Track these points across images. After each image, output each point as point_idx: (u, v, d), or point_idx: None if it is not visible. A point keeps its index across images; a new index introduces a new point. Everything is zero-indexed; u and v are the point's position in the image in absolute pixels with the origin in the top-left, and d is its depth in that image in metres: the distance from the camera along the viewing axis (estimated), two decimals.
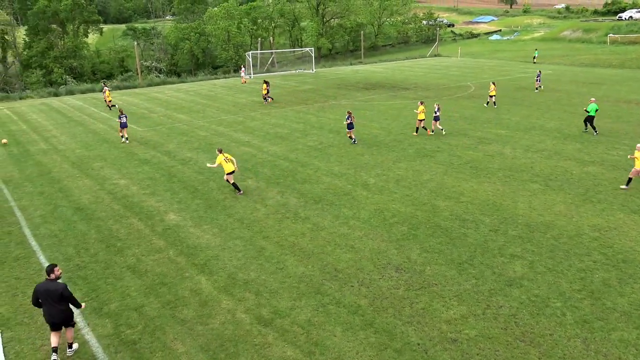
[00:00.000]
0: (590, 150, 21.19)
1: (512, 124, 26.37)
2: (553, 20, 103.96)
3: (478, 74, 49.37)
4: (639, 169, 16.09)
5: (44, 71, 73.40)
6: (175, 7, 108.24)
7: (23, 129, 29.46)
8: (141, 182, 18.60)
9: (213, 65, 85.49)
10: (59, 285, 8.61)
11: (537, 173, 18.28)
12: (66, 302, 8.67)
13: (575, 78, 43.89)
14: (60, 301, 8.55)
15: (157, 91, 44.90)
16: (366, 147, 22.48)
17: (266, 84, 35.97)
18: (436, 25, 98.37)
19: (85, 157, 22.36)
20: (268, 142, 23.99)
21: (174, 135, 26.34)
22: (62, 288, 8.58)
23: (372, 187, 17.31)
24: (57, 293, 8.50)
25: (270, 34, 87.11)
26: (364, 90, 40.60)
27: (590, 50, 66.58)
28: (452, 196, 16.22)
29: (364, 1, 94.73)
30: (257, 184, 17.97)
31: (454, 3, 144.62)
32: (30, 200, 17.11)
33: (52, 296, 8.50)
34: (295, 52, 72.10)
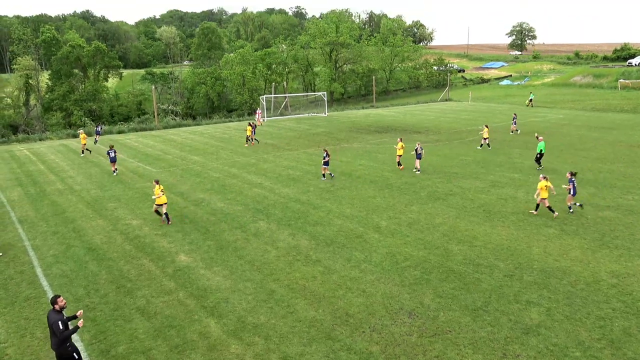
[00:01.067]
0: (605, 194, 20.95)
1: (524, 168, 26.28)
2: (563, 66, 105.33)
3: (489, 118, 49.71)
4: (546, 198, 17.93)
5: (64, 113, 75.66)
6: (192, 53, 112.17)
7: (41, 169, 30.07)
8: (154, 223, 18.70)
9: (228, 108, 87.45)
10: (53, 317, 8.79)
11: (552, 217, 18.03)
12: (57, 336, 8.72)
13: (587, 122, 43.97)
14: (53, 333, 8.75)
15: (173, 133, 45.81)
16: (378, 190, 22.49)
17: (251, 126, 36.73)
18: (447, 70, 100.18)
19: (100, 198, 22.65)
20: (280, 184, 24.14)
21: (188, 176, 26.66)
22: (52, 321, 8.72)
23: (384, 230, 17.20)
24: (49, 324, 8.78)
25: (284, 78, 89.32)
26: (375, 133, 41.01)
27: (601, 96, 66.94)
28: (466, 240, 16.02)
29: (375, 48, 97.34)
30: (269, 226, 17.96)
31: (465, 49, 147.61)
32: (44, 239, 17.25)
33: (49, 325, 8.85)
34: (308, 96, 73.64)
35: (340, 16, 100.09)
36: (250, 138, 36.48)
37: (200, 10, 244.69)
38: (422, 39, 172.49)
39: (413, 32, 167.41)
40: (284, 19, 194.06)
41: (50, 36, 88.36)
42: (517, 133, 38.03)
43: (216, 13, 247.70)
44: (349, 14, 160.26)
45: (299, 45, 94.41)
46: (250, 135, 36.47)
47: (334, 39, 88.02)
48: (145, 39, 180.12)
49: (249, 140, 36.58)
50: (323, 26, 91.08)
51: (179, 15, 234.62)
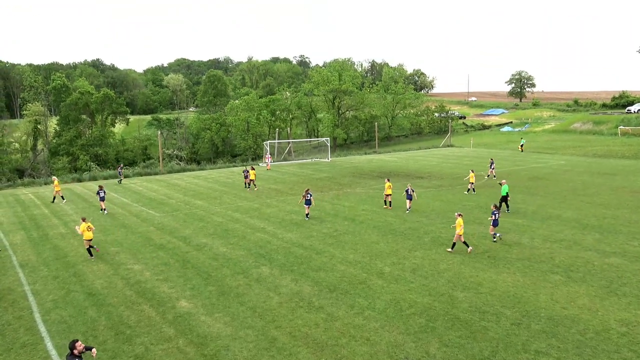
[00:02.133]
0: (611, 240, 20.77)
1: (528, 213, 26.20)
2: (562, 113, 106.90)
3: None
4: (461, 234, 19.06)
5: (70, 158, 76.58)
6: (198, 100, 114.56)
7: (45, 213, 30.14)
8: (155, 268, 18.55)
9: (232, 153, 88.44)
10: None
11: (558, 264, 17.83)
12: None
13: (589, 169, 44.13)
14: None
15: (177, 178, 46.14)
16: (381, 235, 22.37)
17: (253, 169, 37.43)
18: (448, 117, 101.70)
19: (102, 242, 22.57)
20: (283, 229, 24.07)
21: (191, 221, 26.65)
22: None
23: (388, 276, 16.99)
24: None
25: (287, 124, 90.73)
26: (378, 178, 41.19)
27: (602, 142, 67.53)
28: (471, 287, 15.78)
29: (377, 95, 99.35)
30: (271, 271, 17.78)
31: (465, 97, 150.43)
32: (44, 284, 17.08)
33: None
34: (311, 142, 74.47)
35: (343, 65, 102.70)
36: (252, 183, 36.71)
37: (207, 59, 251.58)
38: (423, 86, 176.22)
39: (414, 80, 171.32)
40: (288, 67, 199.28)
41: (60, 83, 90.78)
42: (493, 178, 38.62)
43: (222, 61, 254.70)
44: (352, 63, 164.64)
45: (303, 93, 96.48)
46: (253, 179, 36.75)
47: (337, 86, 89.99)
48: (152, 86, 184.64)
49: (250, 184, 36.81)
50: (326, 74, 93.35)
51: (187, 64, 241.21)
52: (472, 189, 32.82)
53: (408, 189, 27.29)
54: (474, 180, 32.79)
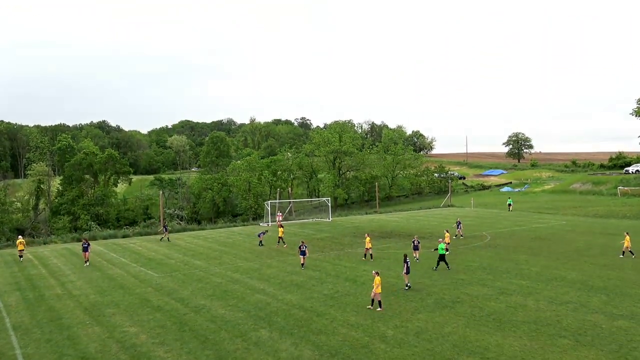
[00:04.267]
0: (617, 303, 20.33)
1: (532, 275, 25.82)
2: (561, 173, 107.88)
3: (493, 223, 49.88)
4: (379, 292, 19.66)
5: (71, 217, 76.57)
6: (201, 161, 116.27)
7: (42, 273, 29.75)
8: (151, 331, 18.06)
9: (233, 213, 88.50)
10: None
11: (565, 327, 17.36)
12: None
13: (590, 229, 43.93)
14: None
15: (177, 237, 45.87)
16: (383, 296, 21.89)
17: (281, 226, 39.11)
18: (448, 177, 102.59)
19: (99, 303, 22.12)
20: (283, 290, 23.65)
21: (190, 281, 26.24)
22: None
23: (391, 339, 16.50)
24: None
25: (288, 184, 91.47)
26: (379, 238, 40.94)
27: (602, 202, 67.66)
28: (477, 351, 15.28)
29: (377, 156, 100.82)
30: (270, 334, 17.29)
31: (464, 157, 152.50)
32: (37, 348, 16.58)
33: None
34: (312, 202, 74.74)
35: (343, 126, 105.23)
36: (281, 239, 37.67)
37: (211, 121, 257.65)
38: (422, 147, 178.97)
39: (413, 141, 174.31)
40: (289, 129, 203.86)
41: (66, 144, 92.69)
42: (460, 237, 38.70)
43: (225, 123, 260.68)
44: (352, 125, 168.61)
45: (304, 154, 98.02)
46: (282, 236, 37.77)
47: (337, 147, 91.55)
48: (156, 146, 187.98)
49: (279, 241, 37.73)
50: (327, 136, 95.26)
51: (190, 125, 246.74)
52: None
53: (414, 239, 29.97)
54: (449, 241, 32.82)
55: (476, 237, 40.31)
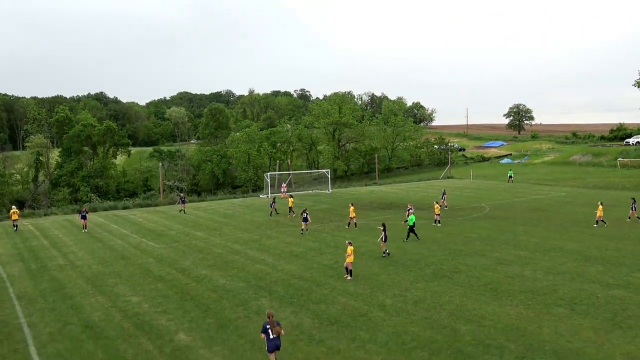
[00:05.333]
0: (614, 272, 20.58)
1: (530, 245, 26.05)
2: (561, 145, 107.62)
3: (492, 195, 50.05)
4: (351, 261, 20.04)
5: (71, 189, 76.66)
6: (200, 132, 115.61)
7: (44, 244, 29.99)
8: (153, 300, 18.33)
9: (232, 185, 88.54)
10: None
11: (561, 296, 17.62)
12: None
13: (589, 200, 44.06)
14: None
15: (177, 209, 46.07)
16: (382, 267, 22.19)
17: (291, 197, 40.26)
18: (447, 149, 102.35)
19: (101, 274, 22.38)
20: (283, 261, 23.89)
21: (190, 252, 26.49)
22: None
23: (390, 308, 16.77)
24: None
25: (288, 156, 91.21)
26: (379, 209, 41.13)
27: (602, 174, 67.73)
28: (473, 319, 15.55)
29: (377, 127, 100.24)
30: (271, 303, 17.55)
31: (464, 129, 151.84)
32: (41, 316, 16.85)
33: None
34: (312, 174, 74.70)
35: (343, 98, 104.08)
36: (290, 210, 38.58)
37: (209, 92, 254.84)
38: (422, 119, 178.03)
39: (413, 112, 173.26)
40: (289, 100, 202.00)
41: (63, 116, 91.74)
42: (445, 208, 39.23)
43: (224, 95, 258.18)
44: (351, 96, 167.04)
45: (303, 125, 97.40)
46: (291, 206, 38.60)
47: (337, 119, 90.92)
48: (154, 118, 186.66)
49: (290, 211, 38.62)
50: (326, 107, 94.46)
51: (189, 97, 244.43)
52: (438, 220, 32.95)
53: (409, 207, 30.56)
54: (439, 212, 33.07)
55: (475, 209, 40.51)
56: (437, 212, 33.00)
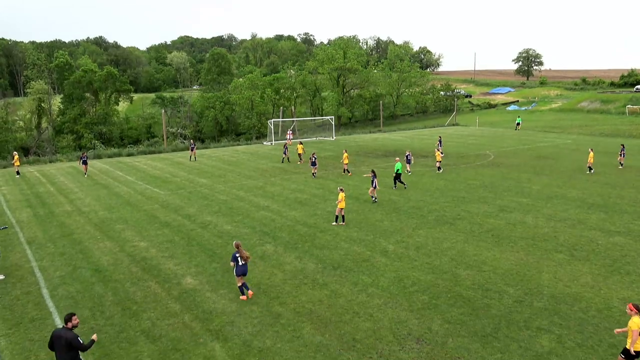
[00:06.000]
0: (616, 220, 20.72)
1: (533, 193, 26.13)
2: (570, 91, 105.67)
3: (497, 142, 49.74)
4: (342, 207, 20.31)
5: (75, 136, 76.69)
6: (202, 78, 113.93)
7: (50, 190, 30.32)
8: (160, 245, 18.70)
9: (236, 132, 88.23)
10: (70, 334, 8.96)
11: (562, 243, 17.84)
12: (75, 352, 9.05)
13: (595, 148, 43.70)
14: (68, 350, 8.96)
15: (181, 156, 46.18)
16: (385, 214, 22.41)
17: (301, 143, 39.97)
18: (454, 96, 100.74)
19: (108, 219, 22.74)
20: (287, 207, 24.14)
21: (195, 199, 26.75)
22: (71, 337, 8.96)
23: (392, 254, 17.07)
24: (67, 342, 8.93)
25: (292, 103, 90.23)
26: (383, 157, 41.08)
27: (609, 121, 66.89)
28: (474, 265, 15.84)
29: (383, 73, 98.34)
30: (275, 249, 17.89)
31: (471, 75, 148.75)
32: (51, 261, 17.28)
33: (63, 344, 8.96)
34: (315, 120, 74.15)
35: (348, 43, 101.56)
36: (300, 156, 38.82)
37: (211, 37, 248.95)
38: (429, 64, 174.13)
39: (420, 57, 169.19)
40: (292, 45, 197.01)
41: (63, 61, 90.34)
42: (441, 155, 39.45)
43: (226, 39, 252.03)
44: (357, 41, 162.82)
45: (307, 71, 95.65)
46: (301, 153, 38.77)
47: (342, 64, 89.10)
48: (156, 64, 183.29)
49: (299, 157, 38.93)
50: (331, 52, 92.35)
51: (190, 41, 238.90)
52: (438, 167, 33.14)
53: (408, 154, 32.50)
54: (440, 159, 33.18)
55: (479, 156, 40.38)
56: (439, 159, 32.94)
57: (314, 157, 32.22)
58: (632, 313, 9.38)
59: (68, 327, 9.12)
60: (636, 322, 9.21)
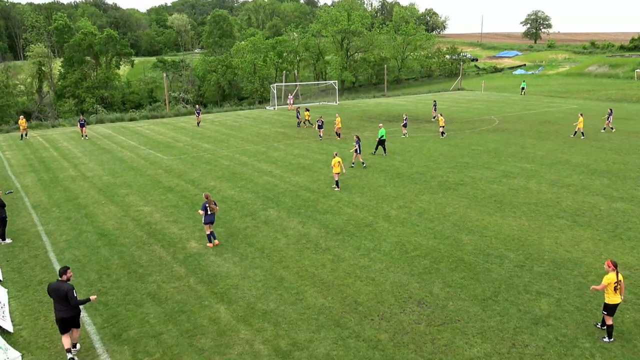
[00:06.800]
0: (619, 186, 20.69)
1: (537, 158, 26.02)
2: (578, 55, 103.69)
3: (502, 107, 49.20)
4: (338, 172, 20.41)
5: (76, 100, 76.22)
6: (204, 41, 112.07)
7: (54, 155, 30.39)
8: (165, 210, 18.85)
9: (238, 96, 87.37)
10: (66, 286, 9.46)
11: (564, 208, 17.88)
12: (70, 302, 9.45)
13: (602, 113, 43.21)
14: (65, 301, 9.40)
15: (183, 121, 45.97)
16: (388, 179, 22.42)
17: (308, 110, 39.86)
18: (460, 59, 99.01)
19: (112, 184, 22.86)
20: (290, 172, 24.17)
21: (198, 164, 26.79)
22: (67, 289, 9.39)
23: (394, 219, 17.17)
24: (62, 293, 9.38)
25: (295, 67, 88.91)
26: (386, 122, 40.76)
27: (617, 86, 65.86)
28: (476, 230, 15.95)
29: (387, 36, 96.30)
30: (279, 214, 18.02)
31: (478, 38, 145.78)
32: (57, 225, 17.48)
33: (59, 295, 9.42)
34: (319, 85, 73.26)
35: (352, 4, 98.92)
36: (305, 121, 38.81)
37: None
38: (435, 27, 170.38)
39: (426, 20, 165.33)
40: (295, 6, 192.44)
41: (62, 23, 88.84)
42: (433, 119, 39.66)
43: (227, 1, 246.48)
44: (361, 2, 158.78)
45: (310, 34, 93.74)
46: (308, 119, 38.73)
47: (346, 27, 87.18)
48: (156, 26, 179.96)
49: (305, 123, 38.88)
50: (334, 14, 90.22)
51: (191, 3, 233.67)
52: (441, 132, 32.90)
53: (405, 117, 33.82)
54: (443, 124, 32.90)
55: (484, 121, 40.04)
56: (442, 125, 32.66)
57: (321, 121, 32.96)
58: (610, 269, 9.84)
59: (63, 279, 9.58)
60: (609, 278, 9.69)
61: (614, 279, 9.67)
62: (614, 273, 9.72)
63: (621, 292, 9.80)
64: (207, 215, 14.66)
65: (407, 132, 33.63)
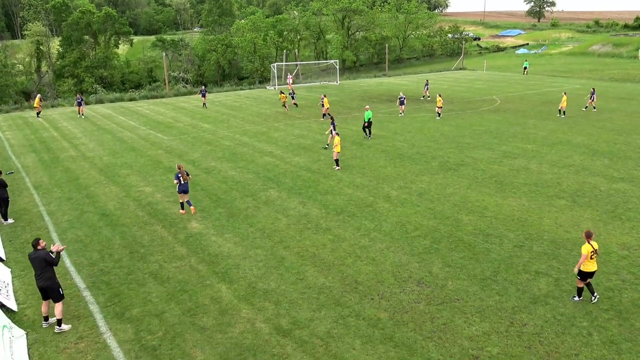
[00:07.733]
0: (619, 166, 20.67)
1: (538, 139, 25.94)
2: (582, 34, 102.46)
3: (504, 87, 48.85)
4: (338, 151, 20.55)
5: (76, 80, 75.62)
6: (203, 20, 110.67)
7: (54, 135, 30.32)
8: (165, 190, 18.89)
9: (239, 76, 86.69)
10: (41, 252, 10.10)
11: (564, 189, 17.90)
12: (50, 268, 10.02)
13: (604, 93, 42.95)
14: (47, 265, 9.98)
15: (183, 101, 45.73)
16: (389, 160, 22.40)
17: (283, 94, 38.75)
18: (462, 38, 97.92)
19: (112, 165, 22.86)
20: (291, 153, 24.13)
21: (199, 144, 26.74)
22: (44, 254, 10.04)
23: (394, 199, 17.21)
24: (41, 258, 9.98)
25: (295, 46, 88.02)
26: (387, 102, 40.55)
27: (620, 65, 65.24)
28: (476, 210, 15.99)
29: (389, 15, 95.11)
30: (279, 194, 18.05)
31: (481, 17, 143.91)
32: (59, 205, 17.54)
33: (38, 262, 10.02)
34: (320, 64, 72.64)
35: None
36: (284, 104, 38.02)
37: None
38: (437, 5, 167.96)
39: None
40: None
41: (60, 1, 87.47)
42: (427, 99, 39.36)
43: None
44: None
45: (311, 12, 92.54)
46: (284, 101, 37.97)
47: (347, 5, 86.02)
48: (155, 4, 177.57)
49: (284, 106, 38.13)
50: None
51: None
52: (438, 113, 32.66)
53: (402, 96, 33.42)
54: (441, 105, 32.55)
55: (485, 101, 39.80)
56: (440, 105, 32.36)
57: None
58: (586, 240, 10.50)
59: (38, 249, 10.13)
60: (586, 247, 10.30)
61: (590, 248, 10.23)
62: (589, 244, 10.30)
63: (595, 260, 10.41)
64: (181, 185, 15.67)
65: (403, 111, 33.51)
